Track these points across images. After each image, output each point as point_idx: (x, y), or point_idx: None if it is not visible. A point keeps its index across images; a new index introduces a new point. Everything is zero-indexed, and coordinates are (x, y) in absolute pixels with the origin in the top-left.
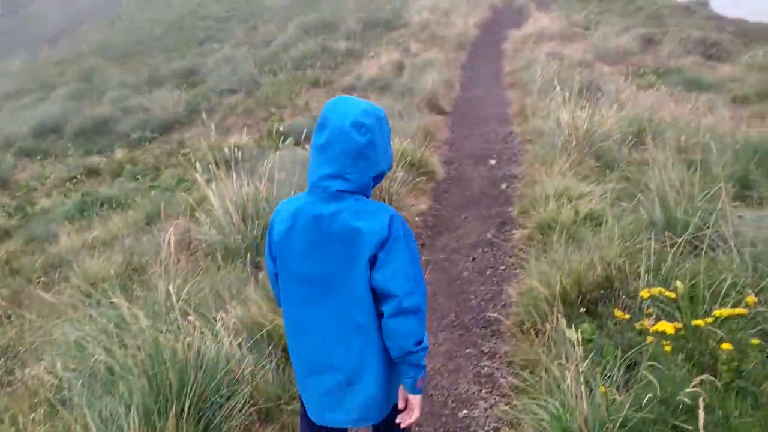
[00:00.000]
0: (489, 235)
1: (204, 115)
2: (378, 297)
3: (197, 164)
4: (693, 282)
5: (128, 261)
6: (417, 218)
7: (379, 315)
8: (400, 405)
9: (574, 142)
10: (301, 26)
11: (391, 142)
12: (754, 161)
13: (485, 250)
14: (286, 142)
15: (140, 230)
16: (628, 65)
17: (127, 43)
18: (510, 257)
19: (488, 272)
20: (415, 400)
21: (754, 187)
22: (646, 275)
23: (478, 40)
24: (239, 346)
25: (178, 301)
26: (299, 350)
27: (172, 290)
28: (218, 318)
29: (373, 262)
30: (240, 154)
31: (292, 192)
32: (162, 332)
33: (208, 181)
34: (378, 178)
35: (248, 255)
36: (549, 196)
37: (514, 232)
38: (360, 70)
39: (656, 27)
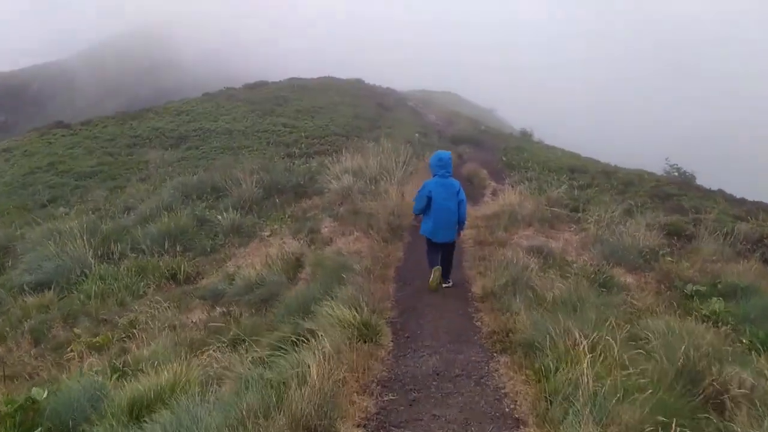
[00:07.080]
0: None
1: None
2: (458, 204)
3: None
4: None
5: None
6: None
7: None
8: (460, 233)
9: None
10: (179, 188)
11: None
12: None
13: None
14: None
15: None
16: (660, 275)
17: None
18: None
19: None
20: (462, 231)
21: None
22: None
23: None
24: None
25: None
26: (435, 222)
27: None
28: None
29: (457, 194)
30: None
31: None
32: None
33: None
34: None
35: None
36: None
37: None
38: (239, 260)
39: (675, 212)
